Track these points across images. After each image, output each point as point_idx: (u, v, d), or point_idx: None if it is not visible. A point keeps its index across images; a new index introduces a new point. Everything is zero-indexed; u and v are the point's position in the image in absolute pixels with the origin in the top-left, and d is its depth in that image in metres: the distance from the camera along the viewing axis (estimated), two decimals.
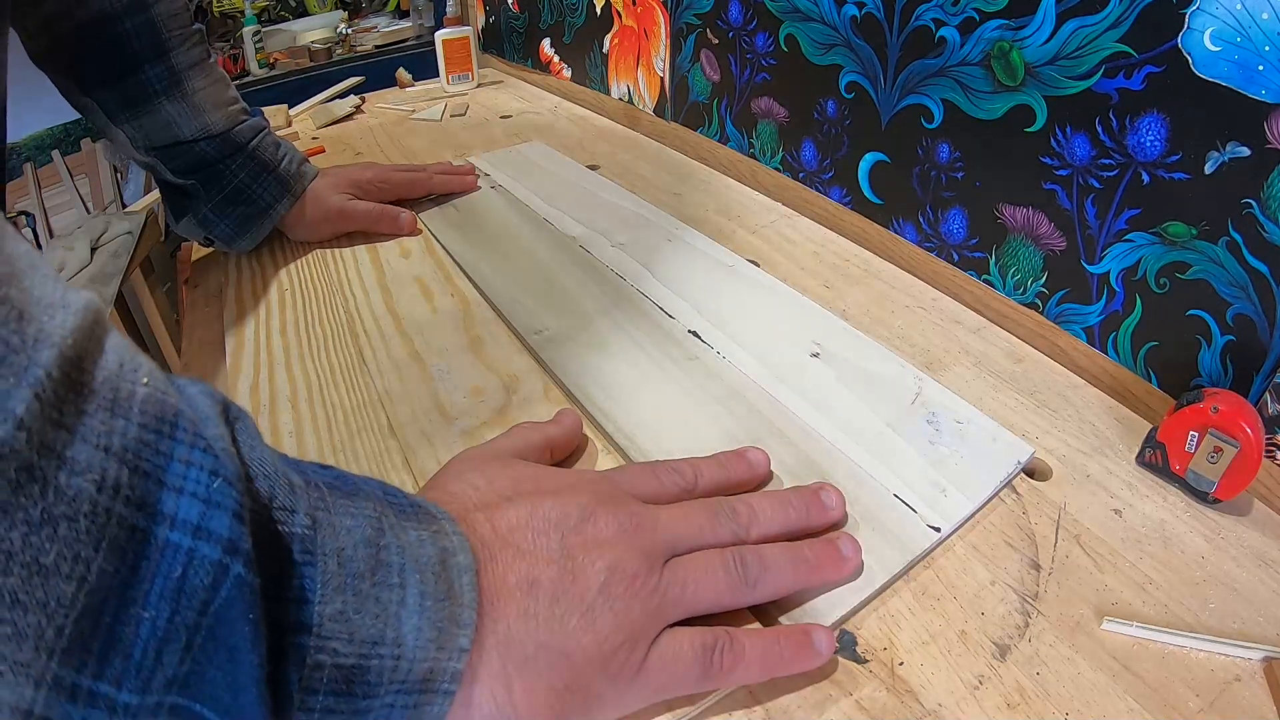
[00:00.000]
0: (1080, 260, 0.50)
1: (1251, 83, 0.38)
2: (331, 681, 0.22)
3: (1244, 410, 0.38)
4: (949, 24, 0.53)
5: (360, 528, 0.24)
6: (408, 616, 0.24)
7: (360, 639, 0.23)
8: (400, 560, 0.24)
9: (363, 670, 0.23)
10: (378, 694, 0.23)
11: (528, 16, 1.13)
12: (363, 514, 0.25)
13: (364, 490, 0.26)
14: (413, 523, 0.26)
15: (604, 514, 0.30)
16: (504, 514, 0.30)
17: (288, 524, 0.22)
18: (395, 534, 0.25)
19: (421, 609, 0.24)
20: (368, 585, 0.23)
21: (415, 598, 0.24)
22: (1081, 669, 0.32)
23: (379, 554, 0.24)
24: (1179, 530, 0.39)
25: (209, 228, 0.63)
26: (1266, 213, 0.39)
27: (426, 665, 0.24)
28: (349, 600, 0.23)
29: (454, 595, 0.25)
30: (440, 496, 0.31)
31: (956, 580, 0.36)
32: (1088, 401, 0.48)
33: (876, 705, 0.31)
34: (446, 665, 0.24)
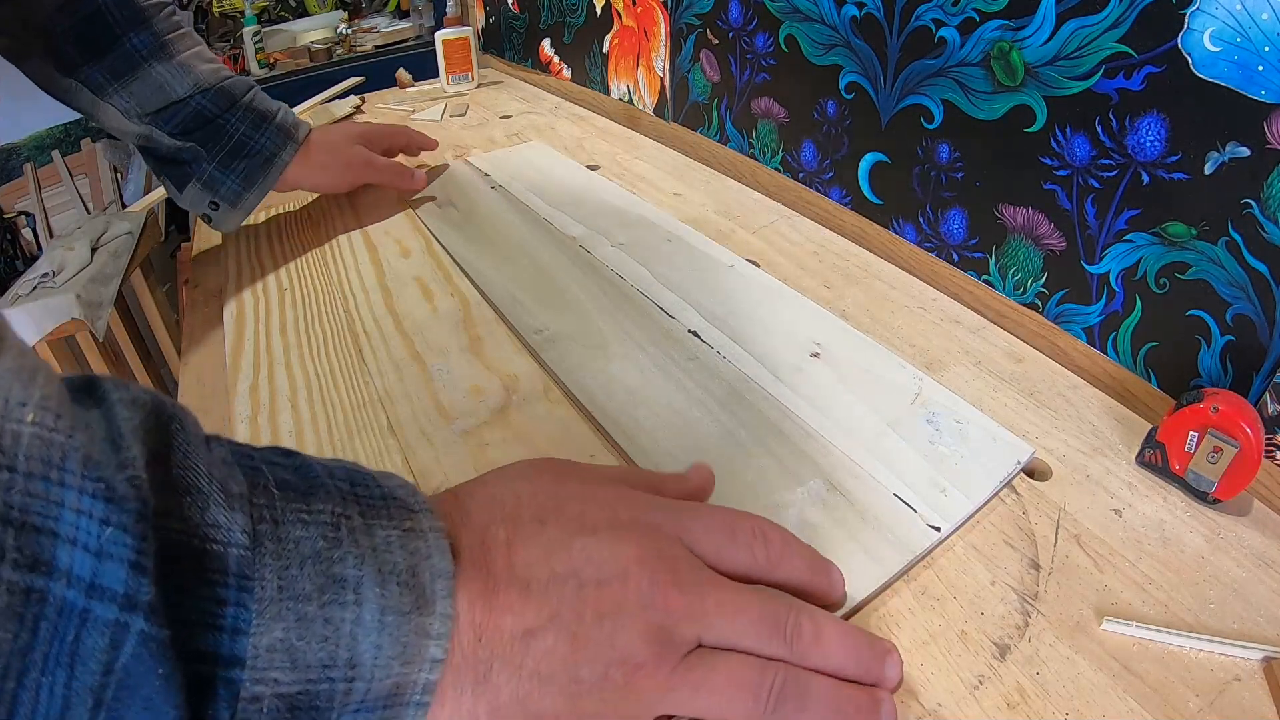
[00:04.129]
0: (1080, 260, 0.50)
1: (1251, 83, 0.38)
2: (272, 712, 0.20)
3: (1244, 410, 0.38)
4: (949, 24, 0.53)
5: (311, 539, 0.22)
6: (364, 635, 0.22)
7: (306, 664, 0.21)
8: (357, 573, 0.22)
9: (310, 695, 0.21)
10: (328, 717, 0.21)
11: (528, 17, 1.13)
12: (317, 520, 0.22)
13: (324, 487, 0.23)
14: (381, 520, 0.24)
15: (640, 576, 0.26)
16: (526, 543, 0.26)
17: (221, 543, 0.20)
18: (356, 539, 0.23)
19: (381, 625, 0.22)
20: (314, 608, 0.21)
21: (374, 614, 0.22)
22: (1081, 669, 0.32)
23: (331, 568, 0.21)
24: (1179, 530, 0.39)
25: (215, 188, 0.62)
26: (1266, 213, 0.39)
27: (390, 681, 0.22)
28: (291, 627, 0.20)
29: (424, 604, 0.23)
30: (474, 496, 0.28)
31: (956, 580, 0.36)
32: (1088, 401, 0.48)
33: None
34: (416, 678, 0.23)
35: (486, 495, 0.28)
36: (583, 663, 0.25)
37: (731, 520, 0.30)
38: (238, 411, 0.48)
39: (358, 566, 0.22)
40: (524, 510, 0.27)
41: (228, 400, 0.50)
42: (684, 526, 0.29)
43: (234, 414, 0.48)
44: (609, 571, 0.26)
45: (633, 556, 0.26)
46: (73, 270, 1.00)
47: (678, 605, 0.26)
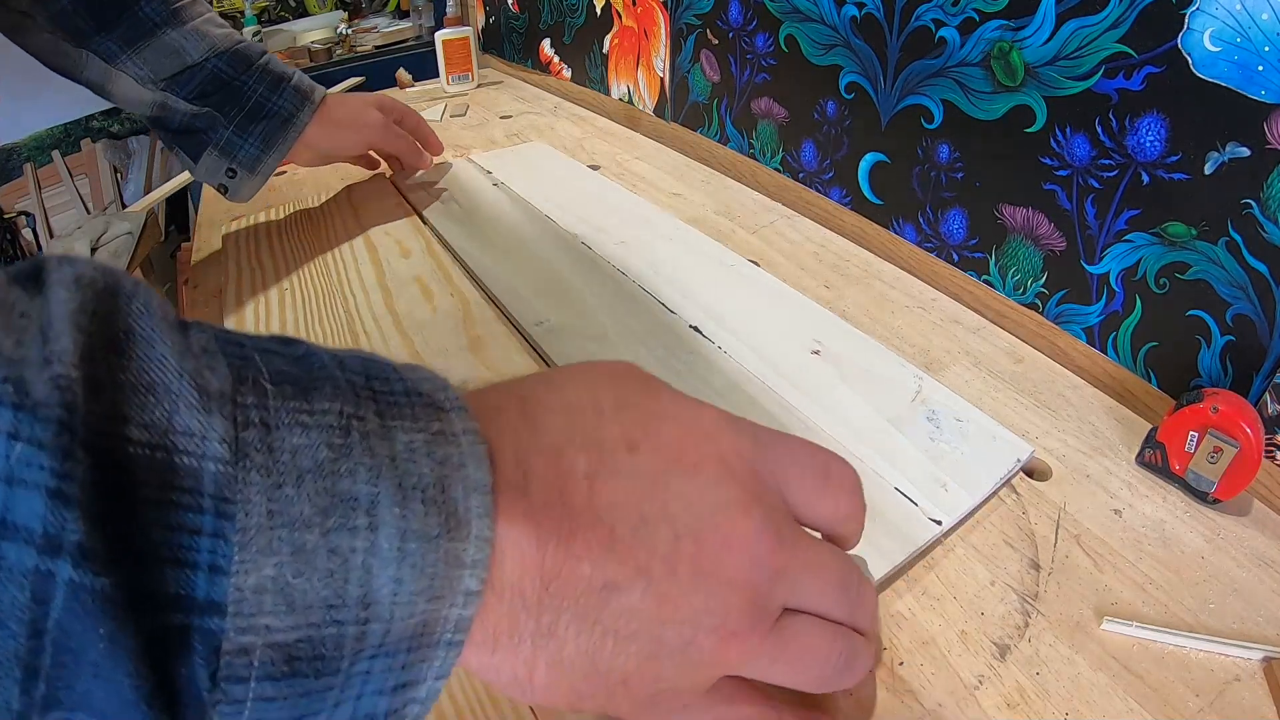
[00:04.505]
0: (1080, 260, 0.50)
1: (1251, 83, 0.38)
2: (264, 665, 0.16)
3: (1244, 410, 0.38)
4: (949, 24, 0.53)
5: (312, 447, 0.17)
6: (380, 567, 0.17)
7: (306, 606, 0.16)
8: (371, 490, 0.17)
9: (312, 643, 0.17)
10: (338, 668, 0.17)
11: (528, 17, 1.13)
12: (321, 422, 0.17)
13: (332, 380, 0.18)
14: (404, 421, 0.19)
15: (744, 530, 0.22)
16: (612, 477, 0.21)
17: (193, 455, 0.15)
18: (370, 447, 0.18)
19: (402, 554, 0.18)
20: (316, 535, 0.17)
21: (392, 540, 0.17)
22: (1081, 669, 0.32)
23: (338, 484, 0.17)
24: (1179, 530, 0.39)
25: (232, 153, 0.62)
26: (1266, 213, 0.39)
27: (414, 620, 0.18)
28: (286, 561, 0.16)
29: (455, 526, 0.19)
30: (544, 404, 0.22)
31: (956, 580, 0.36)
32: (1088, 401, 0.48)
33: (876, 705, 0.31)
34: (446, 614, 0.19)
35: (560, 404, 0.22)
36: (669, 625, 0.21)
37: (825, 464, 0.26)
38: None
39: (372, 481, 0.17)
40: (609, 430, 0.22)
41: None
42: (782, 467, 0.25)
43: None
44: (709, 521, 0.22)
45: (736, 503, 0.22)
46: None
47: (778, 566, 0.23)
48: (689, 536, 0.21)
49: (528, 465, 0.21)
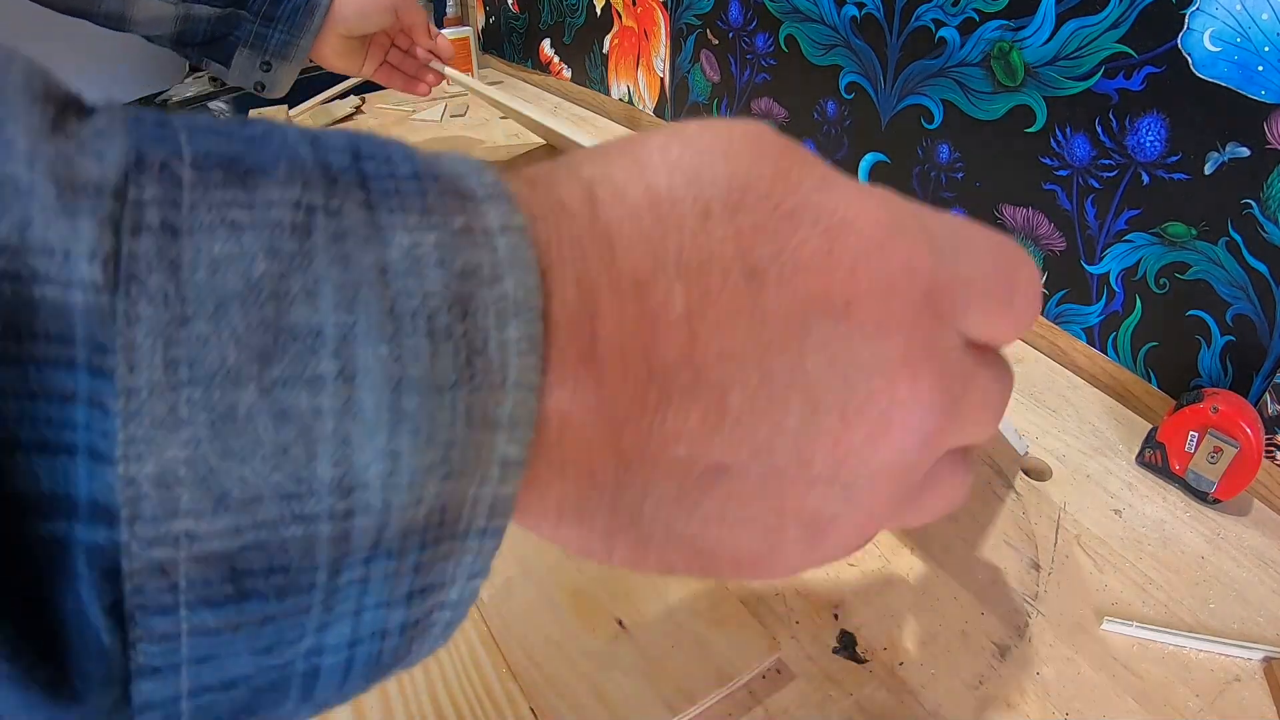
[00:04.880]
0: (1080, 260, 0.50)
1: (1251, 83, 0.38)
2: (197, 586, 0.11)
3: (1244, 410, 0.38)
4: (949, 24, 0.53)
5: (245, 257, 0.11)
6: (365, 436, 0.11)
7: (246, 499, 0.11)
8: (344, 320, 0.11)
9: (266, 551, 0.11)
10: (312, 582, 0.12)
11: (528, 17, 1.13)
12: (265, 219, 0.11)
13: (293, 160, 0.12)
14: (409, 214, 0.12)
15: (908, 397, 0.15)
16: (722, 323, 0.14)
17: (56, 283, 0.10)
18: (344, 251, 0.12)
19: (397, 415, 0.12)
20: (253, 394, 0.11)
21: (379, 393, 0.11)
22: (1081, 669, 0.32)
23: (287, 313, 0.11)
24: (1179, 530, 0.39)
25: (263, 45, 0.62)
26: (1266, 213, 0.39)
27: (424, 508, 0.12)
28: (204, 436, 0.11)
29: (483, 369, 0.12)
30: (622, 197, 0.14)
31: (956, 580, 0.36)
32: (1088, 401, 0.48)
33: (876, 705, 0.31)
34: (477, 493, 0.13)
35: (648, 199, 0.14)
36: (792, 516, 0.16)
37: (1013, 272, 0.18)
38: None
39: (344, 307, 0.11)
40: (720, 245, 0.14)
41: None
42: (962, 283, 0.17)
43: None
44: (862, 389, 0.15)
45: (900, 362, 0.15)
46: None
47: (944, 440, 0.17)
48: (833, 409, 0.15)
49: (595, 300, 0.14)
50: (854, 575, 0.37)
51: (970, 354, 0.17)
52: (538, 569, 0.36)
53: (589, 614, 0.34)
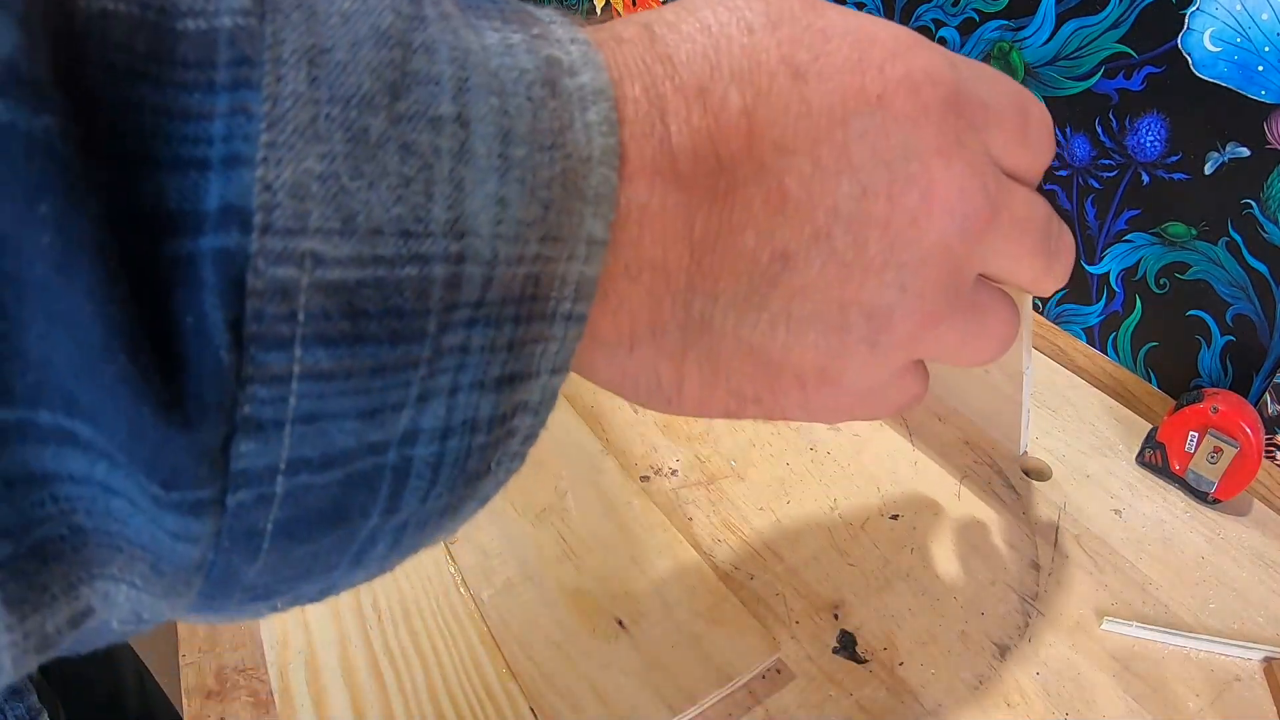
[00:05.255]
0: (1080, 261, 0.50)
1: (1251, 83, 0.38)
2: (315, 318, 0.11)
3: (1244, 410, 0.38)
4: (949, 24, 0.53)
5: (372, 12, 0.12)
6: (477, 181, 0.12)
7: (371, 227, 0.11)
8: (460, 73, 0.12)
9: (383, 289, 0.11)
10: (424, 330, 0.12)
11: None
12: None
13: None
14: (493, 20, 0.14)
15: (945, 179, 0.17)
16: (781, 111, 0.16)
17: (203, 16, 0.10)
18: (451, 25, 0.13)
19: (505, 164, 0.12)
20: (383, 121, 0.11)
21: (490, 142, 0.12)
22: (1081, 669, 0.32)
23: (409, 59, 0.12)
24: (1179, 530, 0.39)
25: None
26: (1266, 213, 0.39)
27: (523, 271, 0.13)
28: (339, 150, 0.11)
29: (571, 141, 0.13)
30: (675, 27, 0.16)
31: (956, 580, 0.36)
32: (1088, 401, 0.48)
33: (876, 705, 0.31)
34: (565, 270, 0.14)
35: (697, 27, 0.16)
36: (855, 307, 0.17)
37: (1025, 103, 0.20)
38: None
39: (458, 63, 0.12)
40: (766, 53, 0.16)
41: None
42: (980, 101, 0.18)
43: None
44: (902, 172, 0.16)
45: (934, 149, 0.17)
46: None
47: (982, 227, 0.18)
48: (879, 192, 0.16)
49: (663, 104, 0.15)
50: (854, 575, 0.37)
51: (1002, 173, 0.18)
52: (538, 569, 0.36)
53: (589, 614, 0.34)
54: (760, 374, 0.17)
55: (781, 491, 0.41)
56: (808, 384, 0.18)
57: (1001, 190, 0.18)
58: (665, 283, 0.15)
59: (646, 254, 0.15)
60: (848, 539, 0.39)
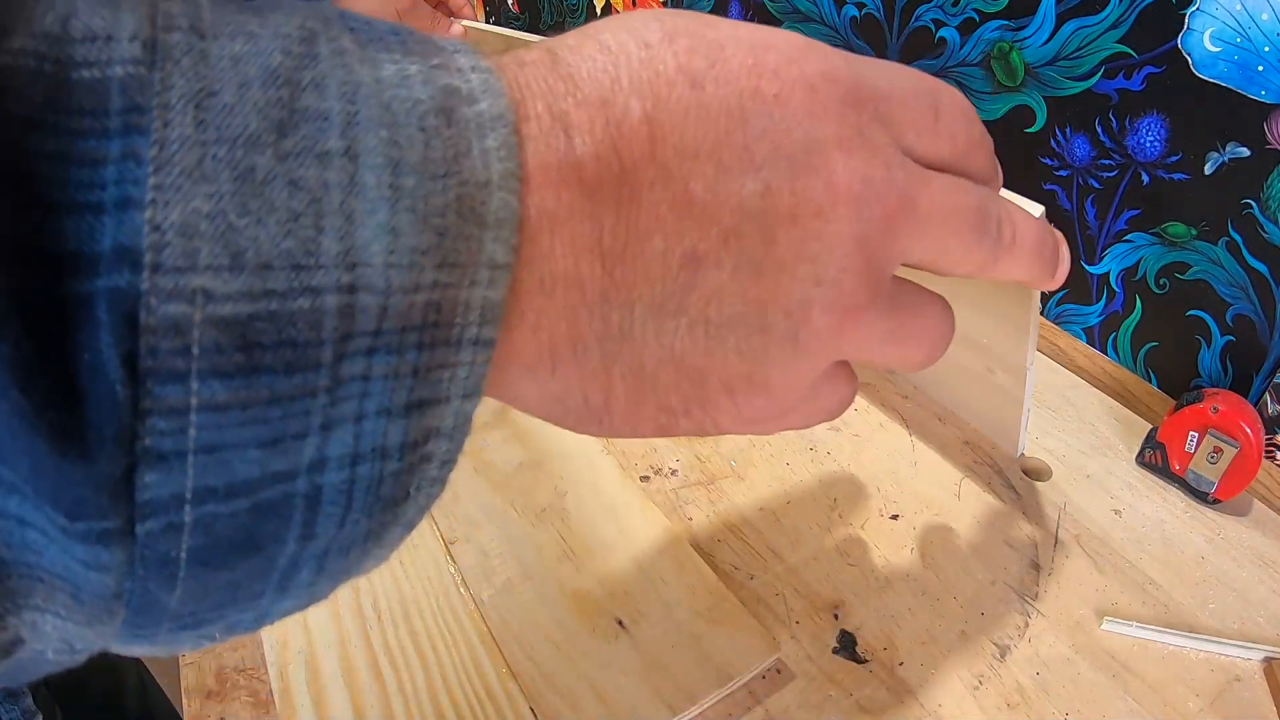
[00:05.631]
0: (1080, 261, 0.50)
1: (1251, 83, 0.38)
2: (209, 351, 0.11)
3: (1244, 410, 0.38)
4: (949, 24, 0.53)
5: (261, 55, 0.12)
6: (367, 211, 0.12)
7: (261, 262, 0.12)
8: (348, 108, 0.13)
9: (276, 321, 0.12)
10: (319, 360, 0.12)
11: (528, 17, 1.13)
12: (277, 32, 0.13)
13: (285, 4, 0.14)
14: (393, 53, 0.14)
15: (847, 167, 0.17)
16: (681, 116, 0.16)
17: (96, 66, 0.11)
18: (345, 61, 0.13)
19: (396, 193, 0.13)
20: (270, 159, 0.12)
21: (379, 172, 0.13)
22: (1081, 669, 0.32)
23: (299, 97, 0.12)
24: (1179, 530, 0.39)
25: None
26: (1266, 213, 0.39)
27: (422, 297, 0.13)
28: (226, 191, 0.11)
29: (468, 169, 0.14)
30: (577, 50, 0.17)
31: (956, 580, 0.36)
32: (1088, 401, 0.48)
33: (876, 705, 0.31)
34: (468, 295, 0.14)
35: (597, 47, 0.17)
36: (773, 305, 0.17)
37: (934, 92, 0.20)
38: None
39: (348, 98, 0.13)
40: (662, 65, 0.16)
41: None
42: (882, 95, 0.18)
43: None
44: (804, 164, 0.16)
45: (834, 139, 0.17)
46: None
47: (893, 210, 0.17)
48: (783, 188, 0.16)
49: (566, 119, 0.15)
50: (854, 575, 0.37)
51: (916, 163, 0.19)
52: (538, 569, 0.36)
53: (589, 614, 0.34)
54: (687, 384, 0.17)
55: (781, 491, 0.41)
56: (736, 392, 0.18)
57: (912, 179, 0.18)
58: (580, 295, 0.16)
59: (559, 267, 0.15)
60: (848, 539, 0.39)
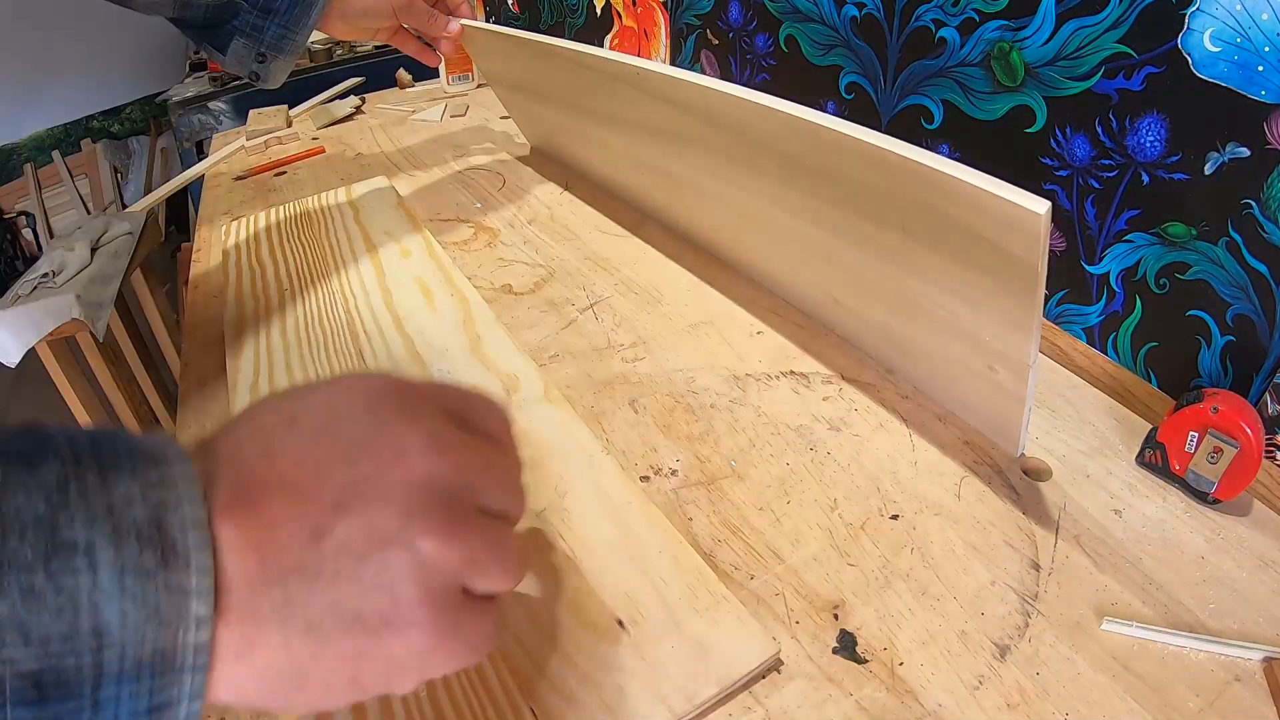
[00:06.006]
0: (1080, 261, 0.50)
1: (1251, 83, 0.38)
2: (17, 691, 0.19)
3: (1244, 410, 0.38)
4: (949, 24, 0.53)
5: (32, 506, 0.20)
6: (106, 601, 0.20)
7: (42, 639, 0.19)
8: (88, 536, 0.20)
9: (55, 672, 0.20)
10: (83, 692, 0.20)
11: (528, 17, 1.13)
12: (42, 484, 0.20)
13: (57, 451, 0.21)
14: (124, 477, 0.21)
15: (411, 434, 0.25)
16: (284, 444, 0.24)
17: None
18: (87, 499, 0.21)
19: (122, 589, 0.20)
20: (41, 578, 0.20)
21: (112, 576, 0.20)
22: (1081, 669, 0.32)
23: (57, 534, 0.20)
24: (1179, 530, 0.39)
25: (259, 36, 0.63)
26: (1266, 213, 0.39)
27: (149, 647, 0.21)
28: (17, 601, 0.19)
29: (174, 559, 0.21)
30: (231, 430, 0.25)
31: (956, 580, 0.36)
32: (1088, 401, 0.48)
33: (876, 705, 0.31)
34: (183, 640, 0.21)
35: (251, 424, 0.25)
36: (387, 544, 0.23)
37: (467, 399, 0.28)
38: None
39: (87, 528, 0.20)
40: (269, 419, 0.25)
41: (228, 401, 0.50)
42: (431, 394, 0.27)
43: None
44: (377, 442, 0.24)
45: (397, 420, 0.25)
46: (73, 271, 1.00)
47: (456, 463, 0.25)
48: (364, 461, 0.24)
49: (241, 488, 0.23)
50: (854, 575, 0.37)
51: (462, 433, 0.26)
52: (537, 569, 0.36)
53: (588, 614, 0.34)
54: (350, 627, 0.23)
55: (781, 491, 0.41)
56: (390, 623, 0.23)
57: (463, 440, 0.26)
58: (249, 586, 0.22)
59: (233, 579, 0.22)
60: (848, 539, 0.39)
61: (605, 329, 0.56)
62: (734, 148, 0.48)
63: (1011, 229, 0.31)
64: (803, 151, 0.42)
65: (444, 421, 0.26)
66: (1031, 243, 0.30)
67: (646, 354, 0.53)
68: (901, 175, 0.35)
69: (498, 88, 0.84)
